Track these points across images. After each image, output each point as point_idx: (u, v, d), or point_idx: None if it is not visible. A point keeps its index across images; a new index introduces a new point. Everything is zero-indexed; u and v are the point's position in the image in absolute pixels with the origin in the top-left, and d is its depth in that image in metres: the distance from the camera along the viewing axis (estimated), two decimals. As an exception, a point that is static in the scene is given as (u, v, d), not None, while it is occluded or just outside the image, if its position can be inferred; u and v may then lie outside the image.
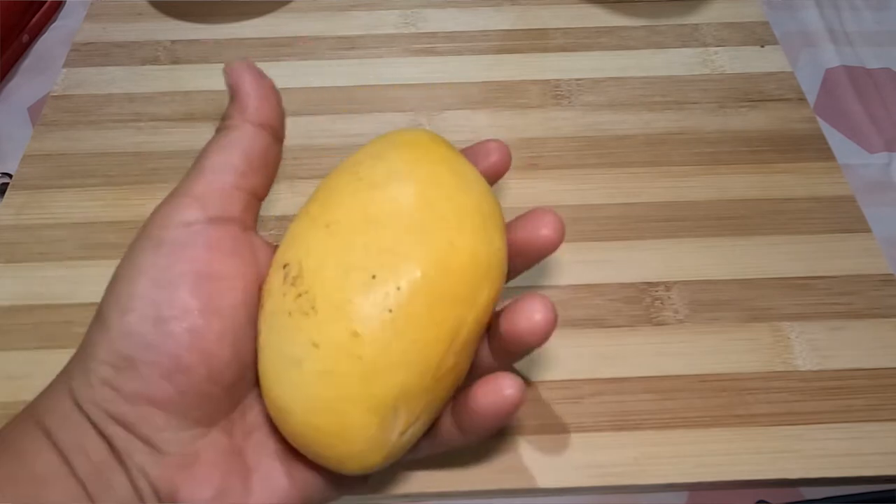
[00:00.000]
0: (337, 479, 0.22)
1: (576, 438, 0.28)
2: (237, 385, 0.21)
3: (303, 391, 0.19)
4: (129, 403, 0.19)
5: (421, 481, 0.27)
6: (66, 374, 0.20)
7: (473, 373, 0.22)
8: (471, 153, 0.25)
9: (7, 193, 0.36)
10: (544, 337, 0.20)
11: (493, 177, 0.25)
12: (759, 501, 0.29)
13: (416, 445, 0.22)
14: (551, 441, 0.28)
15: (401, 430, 0.20)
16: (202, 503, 0.19)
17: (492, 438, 0.28)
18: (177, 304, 0.19)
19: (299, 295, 0.19)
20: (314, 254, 0.20)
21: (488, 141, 0.24)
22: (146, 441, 0.20)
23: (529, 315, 0.20)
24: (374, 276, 0.19)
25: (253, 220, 0.22)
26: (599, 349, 0.31)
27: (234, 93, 0.22)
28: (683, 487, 0.28)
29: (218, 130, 0.22)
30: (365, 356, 0.19)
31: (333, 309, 0.19)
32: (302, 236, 0.21)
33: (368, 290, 0.19)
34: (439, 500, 0.28)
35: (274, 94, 0.23)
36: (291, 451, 0.21)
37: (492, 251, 0.21)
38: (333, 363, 0.19)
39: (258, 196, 0.22)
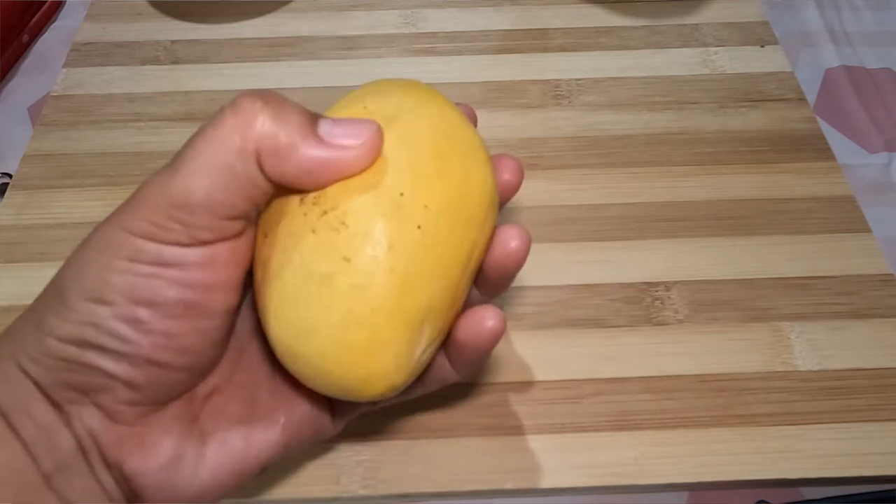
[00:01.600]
0: (309, 427, 0.22)
1: (576, 438, 0.28)
2: (211, 364, 0.21)
3: (334, 307, 0.19)
4: (89, 376, 0.19)
5: (421, 481, 0.27)
6: (9, 340, 0.19)
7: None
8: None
9: (7, 193, 0.36)
10: (522, 264, 0.22)
11: (503, 195, 0.23)
12: (759, 501, 0.29)
13: (410, 386, 0.22)
14: (551, 441, 0.28)
15: (423, 349, 0.20)
16: (151, 472, 0.19)
17: (491, 438, 0.28)
18: (157, 310, 0.19)
19: (325, 213, 0.19)
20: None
21: (505, 157, 0.24)
22: (99, 406, 0.19)
23: (505, 244, 0.21)
24: (401, 194, 0.19)
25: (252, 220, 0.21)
26: (599, 349, 0.31)
27: None
28: (683, 487, 0.28)
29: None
30: (397, 269, 0.19)
31: (365, 223, 0.19)
32: None
33: (398, 206, 0.19)
34: (439, 500, 0.28)
35: None
36: (250, 412, 0.21)
37: (494, 183, 0.22)
38: (366, 277, 0.19)
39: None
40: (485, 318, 0.21)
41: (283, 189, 0.20)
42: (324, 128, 0.19)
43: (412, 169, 0.20)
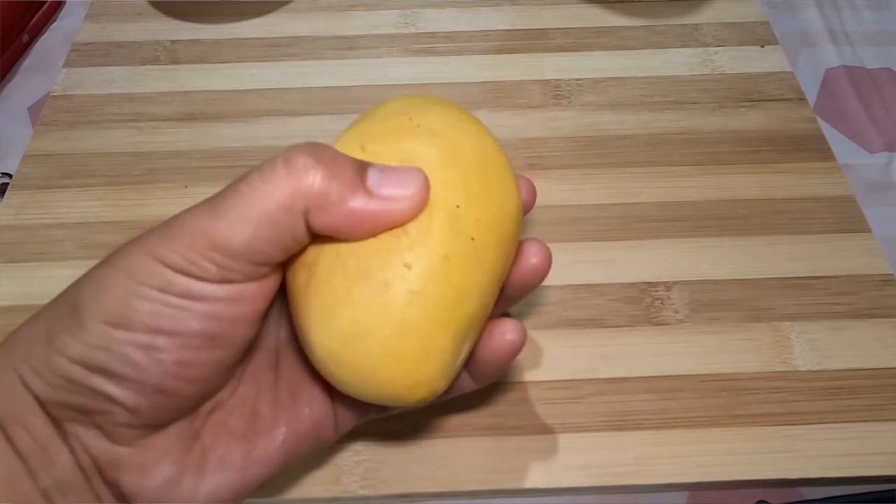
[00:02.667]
0: (309, 437, 0.22)
1: (576, 438, 0.28)
2: (219, 389, 0.21)
3: (390, 314, 0.19)
4: (93, 400, 0.18)
5: (421, 481, 0.27)
6: (13, 348, 0.19)
7: None
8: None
9: (7, 193, 0.36)
10: (543, 278, 0.23)
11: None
12: (759, 501, 0.29)
13: None
14: (551, 441, 0.28)
15: (463, 357, 0.21)
16: (148, 491, 0.19)
17: (491, 438, 0.28)
18: (177, 339, 0.18)
19: None
20: None
21: (522, 178, 0.24)
22: (98, 427, 0.19)
23: (528, 260, 0.22)
24: (458, 206, 0.20)
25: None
26: (599, 349, 0.31)
27: None
28: (683, 487, 0.28)
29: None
30: (454, 280, 0.19)
31: (424, 232, 0.19)
32: None
33: (457, 218, 0.20)
34: (439, 500, 0.28)
35: None
36: (252, 427, 0.21)
37: (521, 200, 0.22)
38: (425, 285, 0.19)
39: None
40: (505, 332, 0.21)
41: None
42: (372, 178, 0.19)
43: (464, 185, 0.20)
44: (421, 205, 0.19)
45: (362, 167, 0.19)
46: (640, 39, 0.42)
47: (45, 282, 0.33)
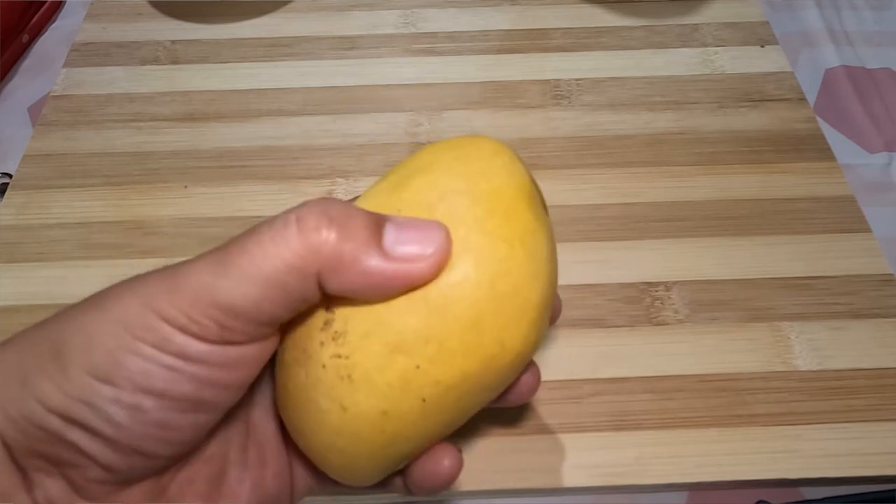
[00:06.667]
0: None
1: (576, 438, 0.28)
2: (193, 451, 0.20)
3: (323, 434, 0.19)
4: (66, 453, 0.17)
5: (421, 481, 0.27)
6: None
7: None
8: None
9: (7, 193, 0.36)
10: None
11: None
12: (759, 501, 0.29)
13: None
14: (551, 441, 0.28)
15: (398, 470, 0.21)
16: None
17: (490, 438, 0.28)
18: (165, 402, 0.17)
19: (339, 356, 0.19)
20: (363, 317, 0.19)
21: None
22: (67, 479, 0.18)
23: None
24: (418, 367, 0.18)
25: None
26: (599, 349, 0.31)
27: None
28: (683, 487, 0.28)
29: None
30: (388, 430, 0.19)
31: (370, 386, 0.18)
32: None
33: (409, 381, 0.18)
34: (439, 501, 0.28)
35: None
36: (216, 491, 0.21)
37: (534, 345, 0.20)
38: (357, 428, 0.19)
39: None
40: (441, 458, 0.21)
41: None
42: (389, 237, 0.18)
43: (438, 340, 0.18)
44: (441, 264, 0.18)
45: (378, 224, 0.18)
46: (640, 39, 0.42)
47: (45, 282, 0.33)
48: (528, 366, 0.22)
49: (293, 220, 0.17)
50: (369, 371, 0.18)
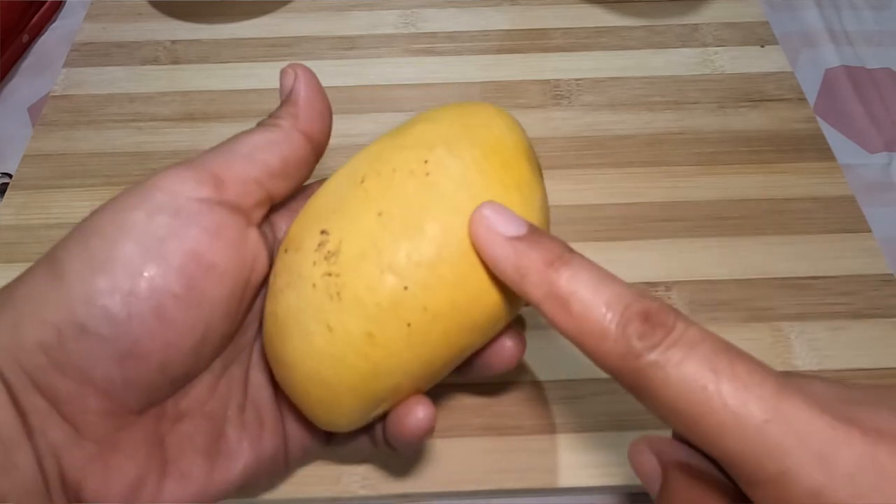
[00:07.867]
0: (267, 468, 0.22)
1: (576, 438, 0.28)
2: (188, 375, 0.20)
3: (307, 362, 0.19)
4: (64, 377, 0.18)
5: (421, 481, 0.27)
6: None
7: None
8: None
9: (7, 193, 0.36)
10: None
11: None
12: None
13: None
14: (551, 441, 0.28)
15: (377, 415, 0.21)
16: (110, 497, 0.19)
17: (490, 438, 0.28)
18: (158, 282, 0.18)
19: (329, 274, 0.19)
20: (357, 239, 0.19)
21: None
22: (68, 419, 0.18)
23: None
24: (406, 288, 0.19)
25: (260, 219, 0.21)
26: (599, 349, 0.30)
27: (290, 97, 0.22)
28: (683, 487, 0.28)
29: (263, 125, 0.22)
30: (371, 357, 0.19)
31: (358, 305, 0.19)
32: (351, 210, 0.20)
33: (397, 303, 0.19)
34: (439, 501, 0.28)
35: (328, 112, 0.22)
36: (215, 448, 0.21)
37: (516, 304, 0.21)
38: (342, 352, 0.19)
39: (274, 199, 0.22)
40: (416, 406, 0.21)
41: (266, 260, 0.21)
42: None
43: (431, 265, 0.19)
44: None
45: None
46: (640, 39, 0.42)
47: (45, 282, 0.33)
48: (513, 331, 0.22)
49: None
50: (359, 290, 0.19)
